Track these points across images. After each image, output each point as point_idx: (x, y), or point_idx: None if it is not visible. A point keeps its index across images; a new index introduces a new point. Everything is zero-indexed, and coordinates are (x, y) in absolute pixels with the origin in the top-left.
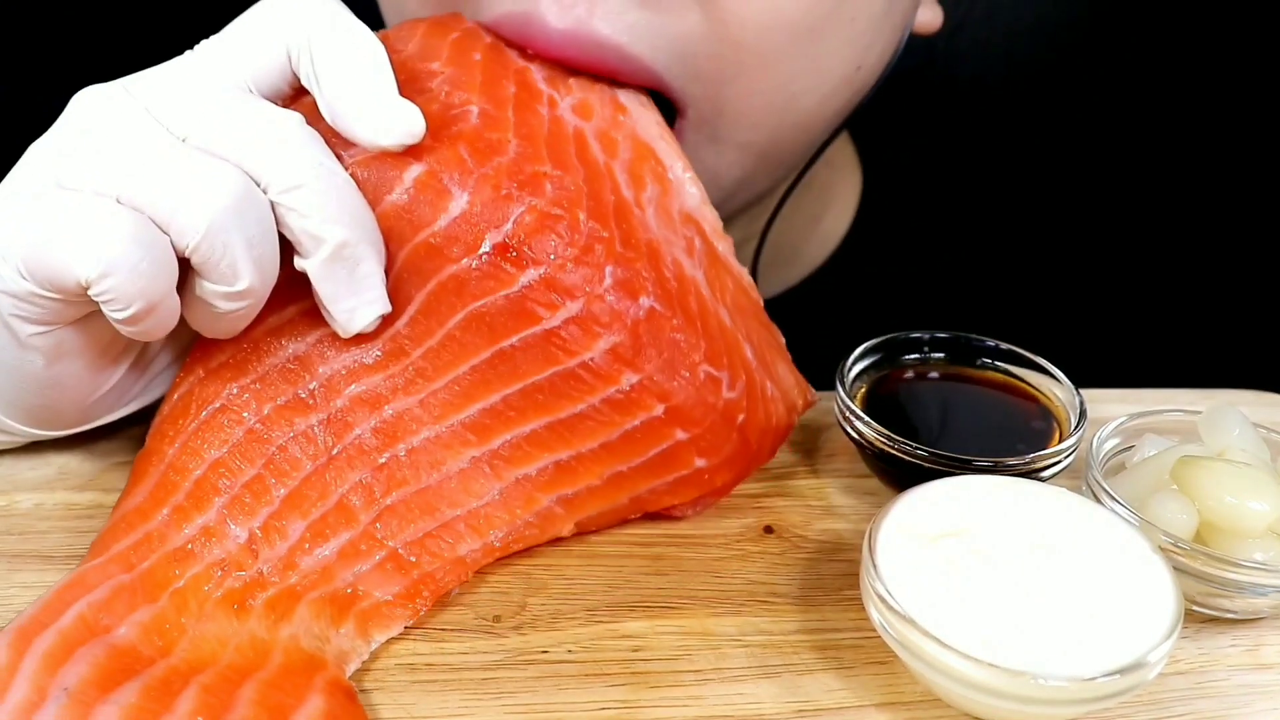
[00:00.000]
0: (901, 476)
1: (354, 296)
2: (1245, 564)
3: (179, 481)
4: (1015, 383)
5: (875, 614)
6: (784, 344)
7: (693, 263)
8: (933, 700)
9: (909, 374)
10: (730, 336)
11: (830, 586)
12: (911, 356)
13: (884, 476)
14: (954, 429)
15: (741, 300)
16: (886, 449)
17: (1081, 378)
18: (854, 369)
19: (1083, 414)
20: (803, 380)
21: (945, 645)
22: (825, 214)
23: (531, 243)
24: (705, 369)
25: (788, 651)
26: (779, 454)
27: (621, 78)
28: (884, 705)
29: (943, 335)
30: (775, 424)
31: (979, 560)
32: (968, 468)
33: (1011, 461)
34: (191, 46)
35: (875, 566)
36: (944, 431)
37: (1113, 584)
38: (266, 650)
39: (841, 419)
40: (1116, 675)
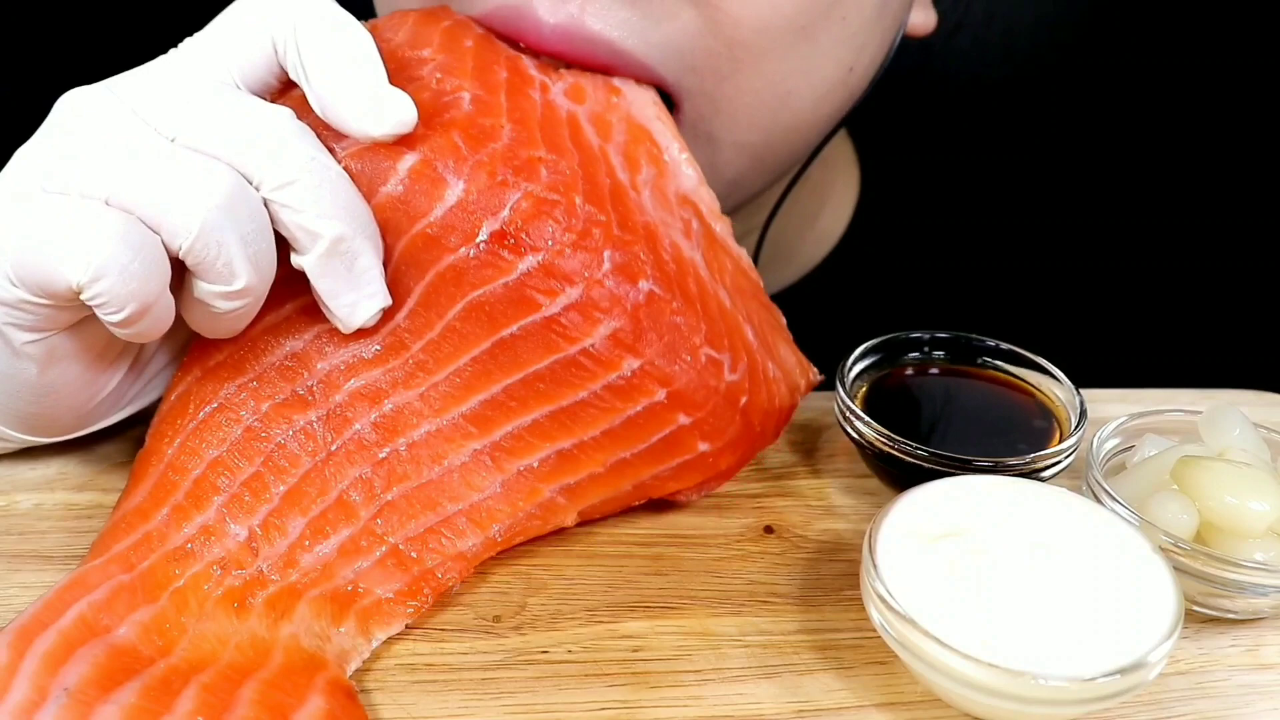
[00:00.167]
0: (901, 476)
1: (353, 291)
2: (1245, 564)
3: (178, 481)
4: (1015, 383)
5: (875, 614)
6: (784, 324)
7: (691, 244)
8: (933, 700)
9: (909, 374)
10: (730, 318)
11: (830, 586)
12: (912, 356)
13: (884, 476)
14: (954, 429)
15: (741, 281)
16: (886, 449)
17: (1081, 378)
18: (854, 369)
19: (1083, 414)
20: (804, 360)
21: (945, 645)
22: (822, 212)
23: (529, 229)
24: (706, 352)
25: (788, 651)
26: (779, 454)
27: (615, 72)
28: (884, 705)
29: (943, 335)
30: (778, 405)
31: (979, 560)
32: (968, 468)
33: (1011, 461)
34: (177, 45)
35: (875, 566)
36: (944, 432)
37: (1113, 584)
38: (267, 649)
39: (841, 419)
40: (1117, 675)
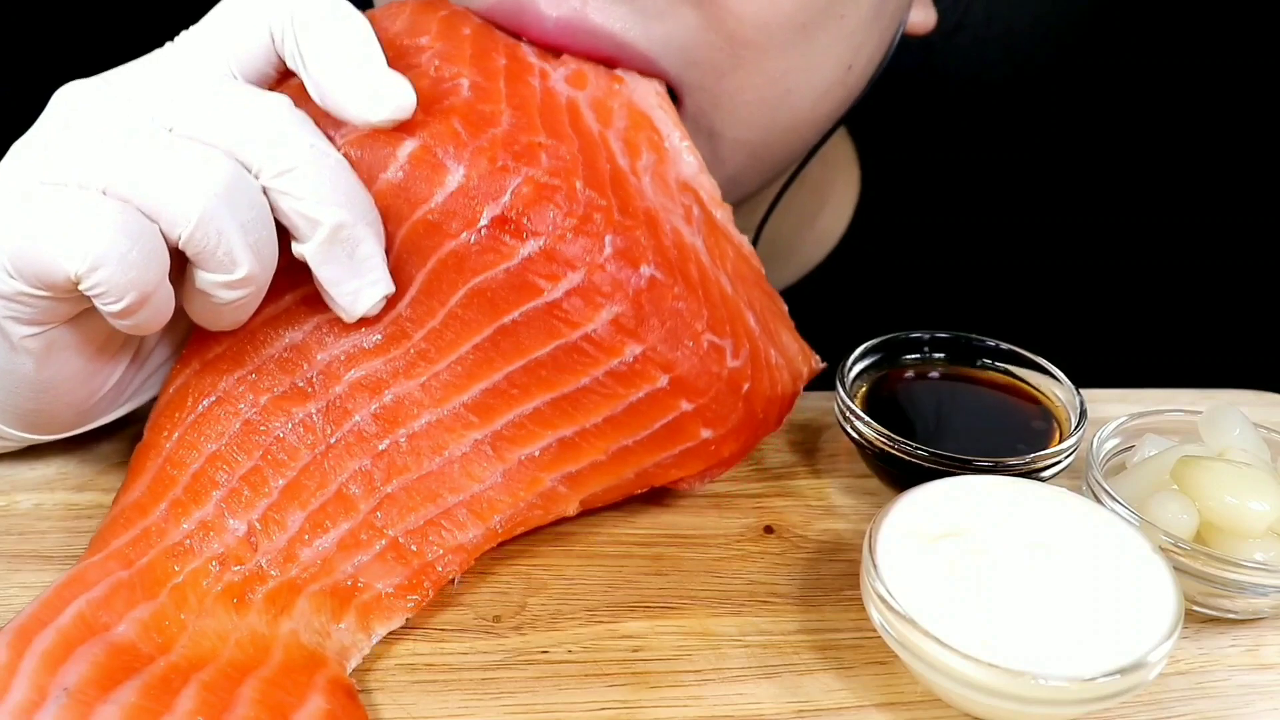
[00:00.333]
0: (901, 476)
1: (356, 279)
2: (1245, 564)
3: (176, 476)
4: (1015, 383)
5: (875, 614)
6: (786, 311)
7: (692, 230)
8: (933, 700)
9: (909, 374)
10: (732, 304)
11: (830, 586)
12: (912, 356)
13: (884, 476)
14: (954, 429)
15: (742, 268)
16: (886, 449)
17: (1081, 378)
18: (854, 369)
19: (1083, 414)
20: (806, 347)
21: (945, 645)
22: (822, 212)
23: (530, 214)
24: (708, 338)
25: (788, 651)
26: (779, 454)
27: (619, 65)
28: (884, 705)
29: (943, 335)
30: (780, 392)
31: (979, 560)
32: (968, 468)
33: (1011, 461)
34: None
35: (875, 566)
36: (944, 431)
37: (1113, 584)
38: (267, 646)
39: (841, 419)
40: (1117, 675)
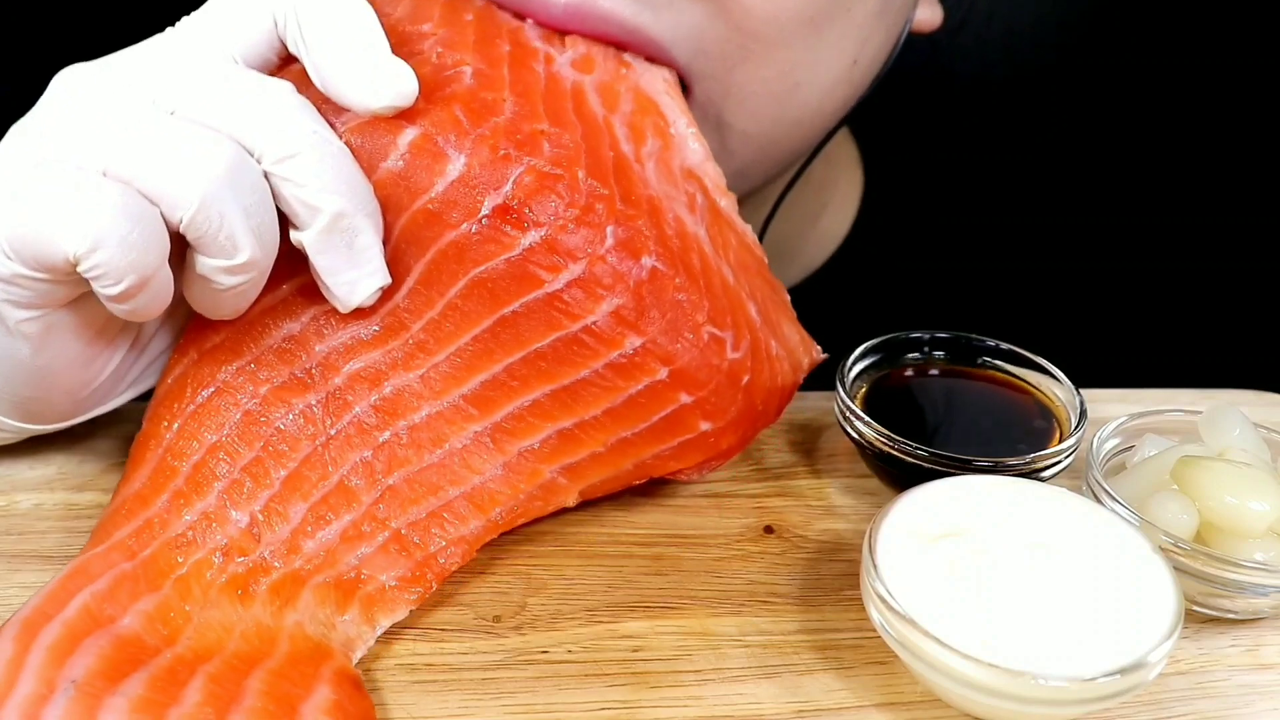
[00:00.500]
0: (901, 476)
1: (353, 269)
2: (1245, 564)
3: (178, 466)
4: (1015, 382)
5: (875, 614)
6: (789, 301)
7: (695, 219)
8: (933, 700)
9: (909, 374)
10: (734, 295)
11: (830, 586)
12: (912, 356)
13: (884, 476)
14: (954, 429)
15: (745, 257)
16: (886, 449)
17: (1081, 378)
18: (854, 369)
19: (1083, 414)
20: (807, 337)
21: (945, 645)
22: (824, 213)
23: (532, 204)
24: (709, 330)
25: (788, 651)
26: (779, 454)
27: (628, 50)
28: (884, 705)
29: (943, 335)
30: (781, 384)
31: (979, 560)
32: (968, 468)
33: (1011, 461)
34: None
35: (875, 566)
36: (944, 431)
37: (1113, 584)
38: (272, 637)
39: (841, 419)
40: (1117, 675)
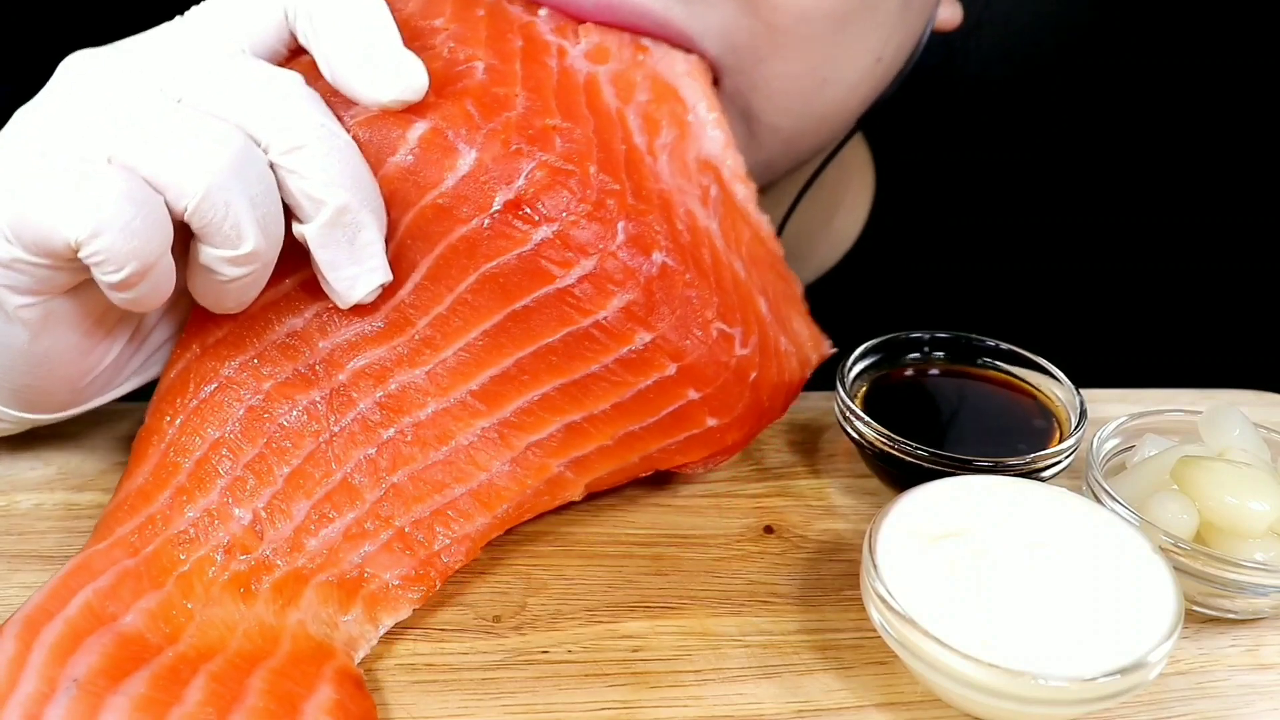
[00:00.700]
0: (901, 476)
1: (354, 265)
2: (1245, 564)
3: (180, 462)
4: (1015, 382)
5: (875, 614)
6: (801, 295)
7: (707, 213)
8: (933, 700)
9: (909, 374)
10: (744, 290)
11: (830, 586)
12: (912, 356)
13: (884, 476)
14: (954, 429)
15: (758, 250)
16: (886, 449)
17: (1081, 378)
18: (854, 369)
19: (1083, 414)
20: (817, 333)
21: (945, 645)
22: (836, 214)
23: (543, 199)
24: (718, 326)
25: (788, 651)
26: (779, 454)
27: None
28: (884, 705)
29: (943, 335)
30: (788, 379)
31: (979, 560)
32: (968, 468)
33: (1011, 461)
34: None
35: (875, 566)
36: (944, 431)
37: (1113, 584)
38: (275, 636)
39: (841, 419)
40: (1117, 675)
